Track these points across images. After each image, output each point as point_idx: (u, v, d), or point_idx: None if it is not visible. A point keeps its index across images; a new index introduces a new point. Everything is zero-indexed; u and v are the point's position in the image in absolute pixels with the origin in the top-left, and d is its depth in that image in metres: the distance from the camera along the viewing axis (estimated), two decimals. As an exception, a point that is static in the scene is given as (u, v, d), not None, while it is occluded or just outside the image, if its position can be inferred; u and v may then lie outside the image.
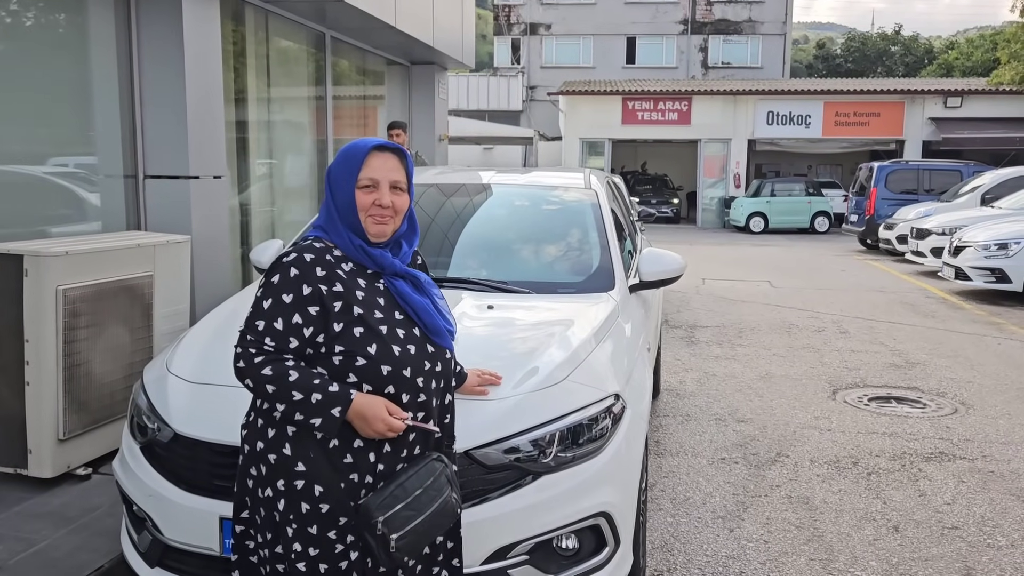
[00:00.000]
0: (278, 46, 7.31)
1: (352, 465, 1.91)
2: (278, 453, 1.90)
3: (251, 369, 1.87)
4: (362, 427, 1.88)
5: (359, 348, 1.90)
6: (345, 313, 1.91)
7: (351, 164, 2.00)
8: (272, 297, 1.90)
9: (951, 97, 25.25)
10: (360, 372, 1.91)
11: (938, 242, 12.73)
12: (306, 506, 1.88)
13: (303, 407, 1.84)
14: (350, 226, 1.98)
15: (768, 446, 4.90)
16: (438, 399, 2.06)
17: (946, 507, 4.04)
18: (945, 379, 6.53)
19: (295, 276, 1.90)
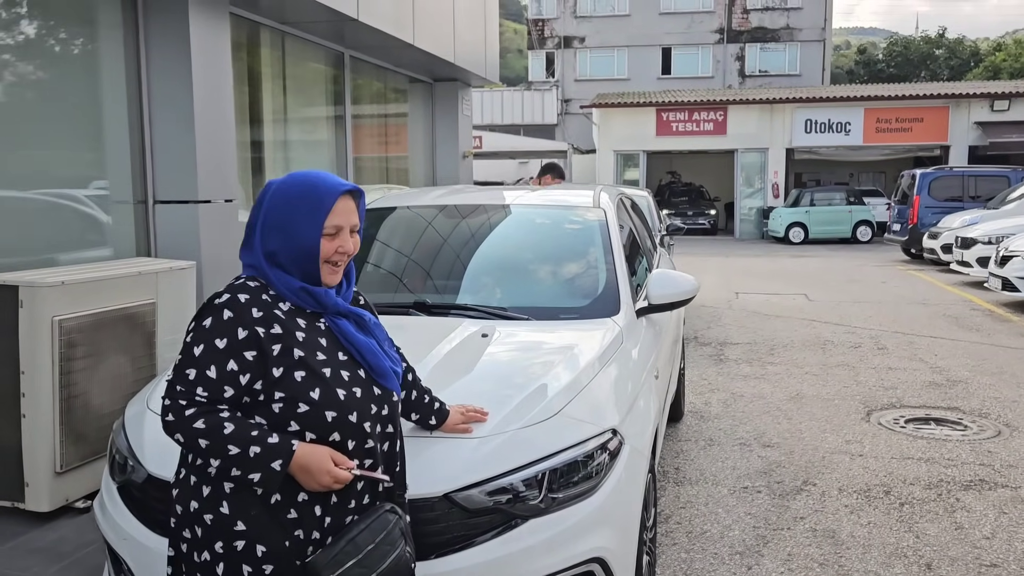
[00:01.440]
0: (295, 66, 7.30)
1: (297, 520, 1.78)
2: (215, 512, 1.75)
3: (181, 423, 1.72)
4: (306, 480, 1.75)
5: (301, 394, 1.77)
6: (285, 356, 1.77)
7: (320, 209, 1.82)
8: (204, 343, 1.75)
9: (998, 100, 24.50)
10: (303, 419, 1.77)
11: (984, 251, 12.26)
12: (248, 569, 1.74)
13: (240, 462, 1.70)
14: (302, 271, 1.83)
15: (794, 473, 4.66)
16: (387, 445, 1.94)
17: (985, 542, 3.77)
18: (988, 398, 6.20)
19: (229, 319, 1.76)
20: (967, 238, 13.12)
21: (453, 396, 2.71)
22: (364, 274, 4.00)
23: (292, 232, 1.82)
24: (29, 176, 4.59)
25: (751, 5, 36.83)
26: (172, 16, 4.95)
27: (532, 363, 2.92)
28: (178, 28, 4.95)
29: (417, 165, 10.03)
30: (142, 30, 5.00)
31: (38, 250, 4.56)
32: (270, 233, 1.85)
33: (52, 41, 4.82)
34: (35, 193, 4.67)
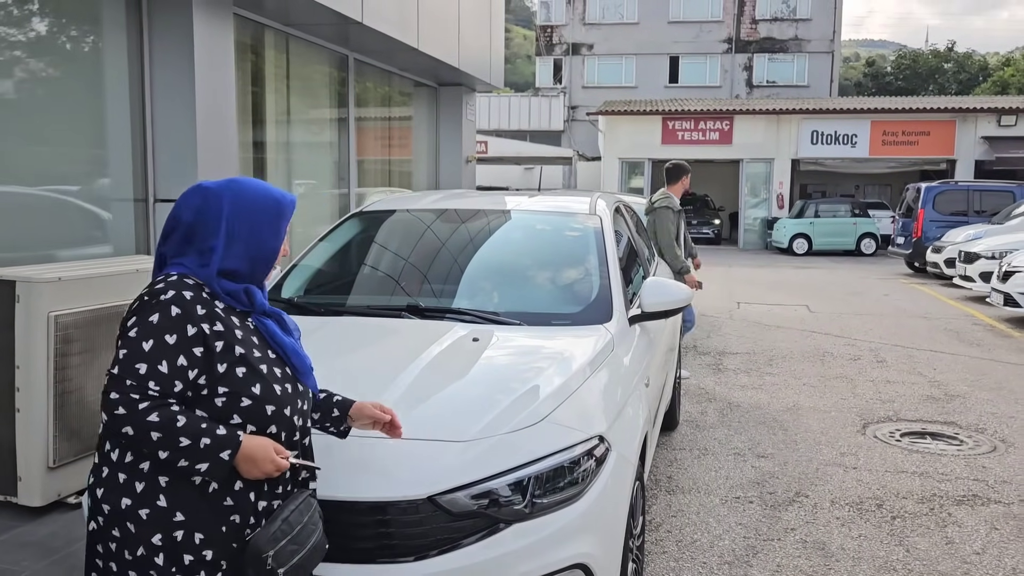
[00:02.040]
0: (299, 68, 7.34)
1: (233, 507, 1.86)
2: (151, 507, 1.78)
3: (134, 416, 1.73)
4: (249, 469, 1.82)
5: (244, 388, 1.85)
6: (227, 353, 1.84)
7: (280, 219, 1.96)
8: (154, 338, 1.78)
9: (1005, 115, 24.45)
10: (245, 413, 1.86)
11: (987, 266, 12.23)
12: (189, 557, 1.79)
13: (190, 453, 1.75)
14: (255, 274, 1.94)
15: (787, 484, 4.65)
16: (307, 438, 2.08)
17: (975, 557, 3.76)
18: (986, 414, 6.19)
19: (178, 315, 1.80)
20: (970, 252, 13.09)
21: (442, 399, 2.72)
22: (360, 276, 4.02)
23: (265, 235, 1.94)
24: (31, 173, 4.62)
25: (760, 15, 36.86)
26: (176, 16, 4.98)
27: (521, 368, 2.93)
28: (182, 28, 4.98)
29: (420, 169, 10.05)
30: (146, 30, 5.04)
31: (38, 246, 4.59)
32: (236, 240, 1.90)
33: (57, 40, 4.86)
34: (37, 189, 4.70)
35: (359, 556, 2.30)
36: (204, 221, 1.90)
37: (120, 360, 1.78)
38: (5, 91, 4.50)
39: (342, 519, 2.30)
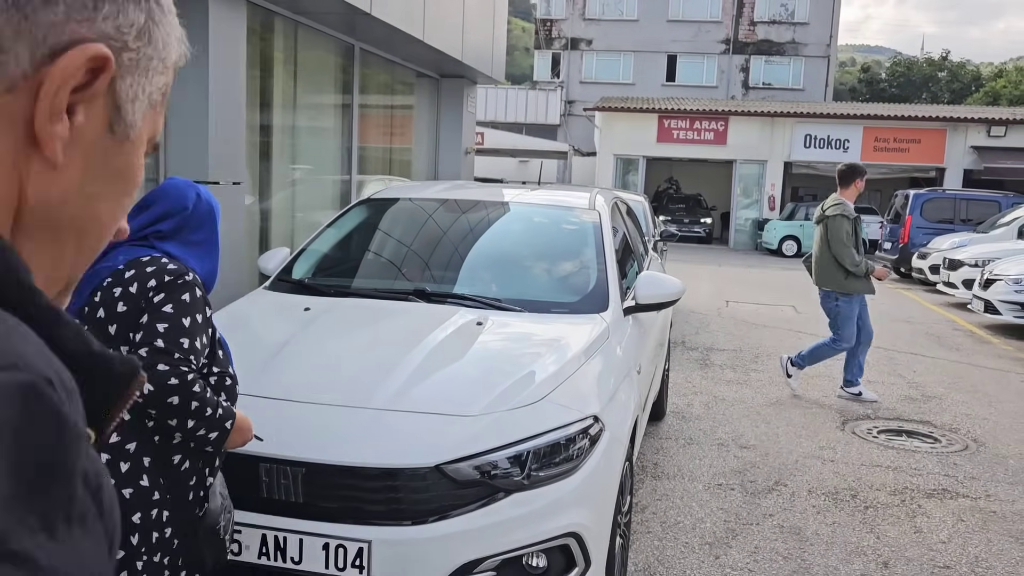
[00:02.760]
0: (306, 55, 7.47)
1: (193, 485, 2.00)
2: (135, 487, 1.88)
3: (184, 386, 1.85)
4: (235, 439, 2.02)
5: (226, 368, 2.08)
6: (214, 334, 2.06)
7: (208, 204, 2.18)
8: (190, 315, 1.93)
9: (995, 126, 24.77)
10: (227, 390, 2.05)
11: (970, 274, 12.48)
12: (156, 535, 1.90)
13: (210, 423, 1.90)
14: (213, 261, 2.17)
15: (767, 474, 4.86)
16: None
17: (940, 545, 3.98)
18: (960, 415, 6.42)
19: (200, 296, 1.99)
20: (954, 260, 13.35)
21: (449, 377, 2.91)
22: (367, 260, 4.19)
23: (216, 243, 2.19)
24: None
25: (758, 17, 37.05)
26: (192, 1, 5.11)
27: (522, 351, 3.11)
28: (198, 14, 5.11)
29: (420, 159, 10.20)
30: (163, 14, 5.17)
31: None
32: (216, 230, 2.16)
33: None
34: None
35: (370, 518, 2.48)
36: (201, 215, 2.10)
37: (163, 334, 1.88)
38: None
39: (355, 484, 2.49)
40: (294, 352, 3.00)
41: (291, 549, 2.49)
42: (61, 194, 0.54)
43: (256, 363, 2.89)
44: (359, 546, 2.44)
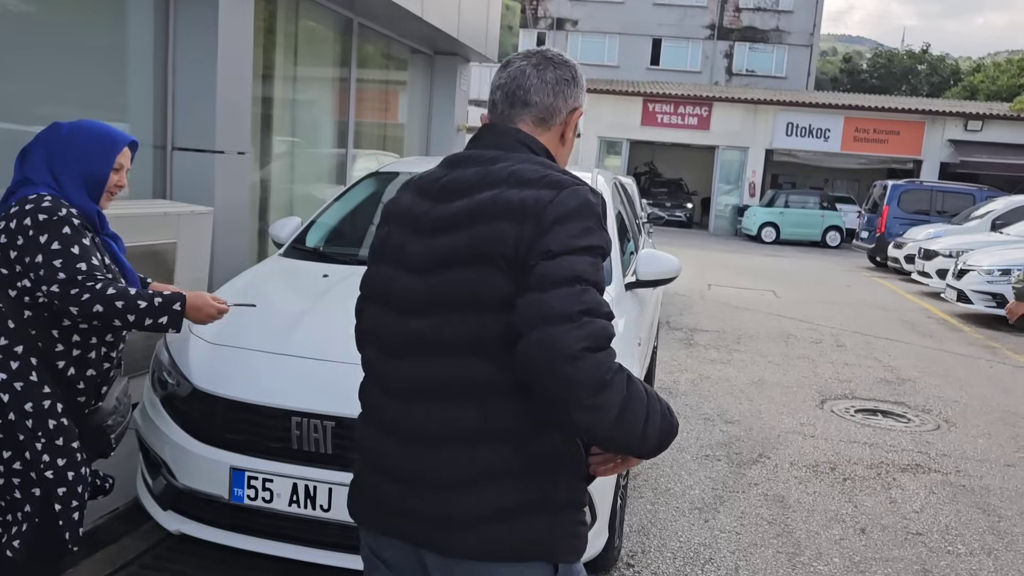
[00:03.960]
0: (307, 28, 7.53)
1: (83, 389, 2.31)
2: (25, 381, 2.20)
3: (97, 295, 2.14)
4: (196, 315, 2.33)
5: None
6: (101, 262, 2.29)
7: (112, 149, 2.36)
8: (77, 243, 2.19)
9: (972, 120, 25.24)
10: None
11: (944, 264, 12.85)
12: (52, 422, 2.22)
13: (150, 311, 2.19)
14: (91, 195, 2.33)
15: (751, 447, 5.10)
16: None
17: (914, 515, 4.23)
18: (933, 397, 6.71)
19: (79, 225, 2.23)
20: (929, 250, 13.72)
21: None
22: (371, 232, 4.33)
23: (91, 163, 2.32)
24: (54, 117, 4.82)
25: (744, 4, 37.23)
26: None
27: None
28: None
29: (413, 134, 10.29)
30: (173, -18, 5.22)
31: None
32: (75, 164, 2.31)
33: (86, -15, 5.03)
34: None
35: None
36: (57, 150, 2.30)
37: (61, 268, 2.15)
38: (29, 38, 4.66)
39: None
40: (319, 314, 3.14)
41: (320, 498, 2.65)
42: None
43: (285, 324, 3.04)
44: (385, 496, 2.60)
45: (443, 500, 1.46)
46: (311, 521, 2.69)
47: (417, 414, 1.48)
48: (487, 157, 1.57)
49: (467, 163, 1.59)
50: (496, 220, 1.43)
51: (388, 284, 1.56)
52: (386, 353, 1.55)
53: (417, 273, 1.51)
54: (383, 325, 1.56)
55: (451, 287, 1.45)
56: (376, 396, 1.58)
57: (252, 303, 2.46)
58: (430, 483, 1.47)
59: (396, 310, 1.53)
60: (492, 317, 1.41)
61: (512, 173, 1.49)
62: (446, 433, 1.46)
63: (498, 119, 1.64)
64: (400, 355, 1.52)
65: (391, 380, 1.54)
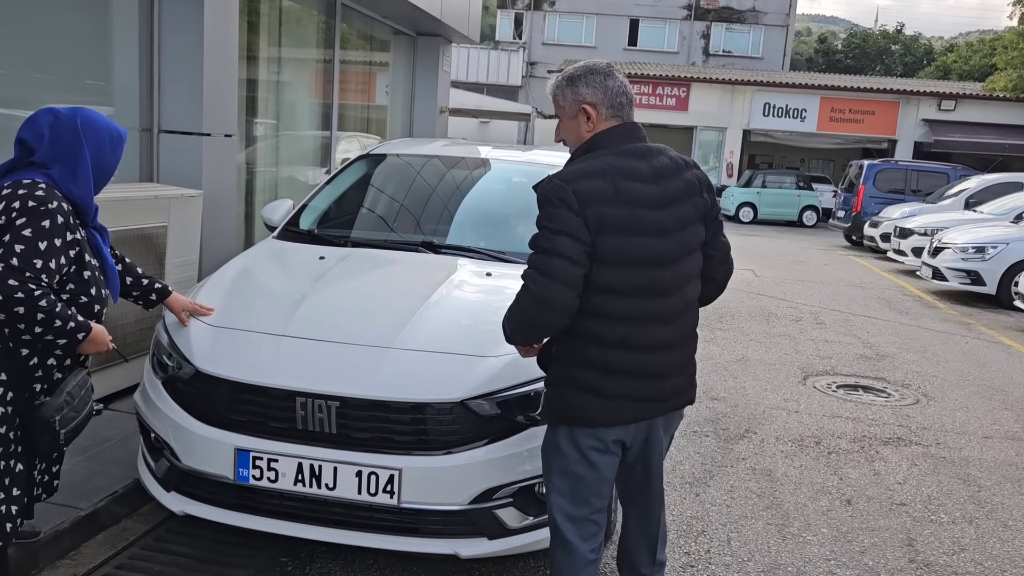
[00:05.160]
0: (290, 10, 7.47)
1: (40, 377, 2.37)
2: None
3: (29, 301, 2.17)
4: (88, 348, 2.38)
5: (85, 289, 2.38)
6: (80, 258, 2.35)
7: (120, 144, 2.47)
8: (47, 240, 2.23)
9: (945, 100, 25.56)
10: (81, 307, 2.37)
11: (919, 242, 13.06)
12: (1, 410, 2.27)
13: (59, 332, 2.25)
14: (98, 187, 2.41)
15: (738, 423, 5.20)
16: None
17: (897, 486, 4.35)
18: (911, 372, 6.86)
19: (63, 223, 2.26)
20: (905, 228, 13.92)
21: (468, 321, 3.12)
22: (373, 213, 4.34)
23: (106, 156, 2.40)
24: (38, 99, 4.76)
25: (721, -16, 37.22)
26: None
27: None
28: (192, -36, 5.12)
29: (396, 116, 10.25)
30: (156, -37, 5.16)
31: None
32: (88, 153, 2.34)
33: (68, -34, 4.96)
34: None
35: (399, 448, 2.70)
36: (68, 142, 2.31)
37: (19, 254, 2.18)
38: (14, 18, 4.60)
39: (386, 416, 2.70)
40: (319, 296, 3.17)
41: (326, 476, 2.69)
42: None
43: (285, 306, 3.06)
44: (390, 473, 2.65)
45: (687, 374, 2.39)
46: (316, 500, 2.73)
47: (680, 328, 2.32)
48: (655, 148, 2.32)
49: (650, 154, 2.30)
50: (699, 193, 2.33)
51: (653, 248, 2.21)
52: (661, 295, 2.24)
53: (667, 235, 2.23)
54: (657, 278, 2.22)
55: (689, 239, 2.29)
56: (641, 331, 2.23)
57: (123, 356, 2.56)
58: (681, 366, 2.36)
59: (663, 265, 2.23)
60: (699, 253, 2.34)
61: (678, 159, 2.36)
62: (687, 333, 2.36)
63: (628, 118, 2.34)
64: (671, 293, 2.26)
65: (666, 313, 2.26)
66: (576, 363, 2.25)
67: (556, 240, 2.12)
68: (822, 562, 3.47)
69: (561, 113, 2.35)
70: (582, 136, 2.31)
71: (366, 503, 2.68)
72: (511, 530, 2.78)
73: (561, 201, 2.13)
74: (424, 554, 2.81)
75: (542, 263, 2.13)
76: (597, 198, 2.14)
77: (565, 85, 2.33)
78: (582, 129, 2.30)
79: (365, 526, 2.74)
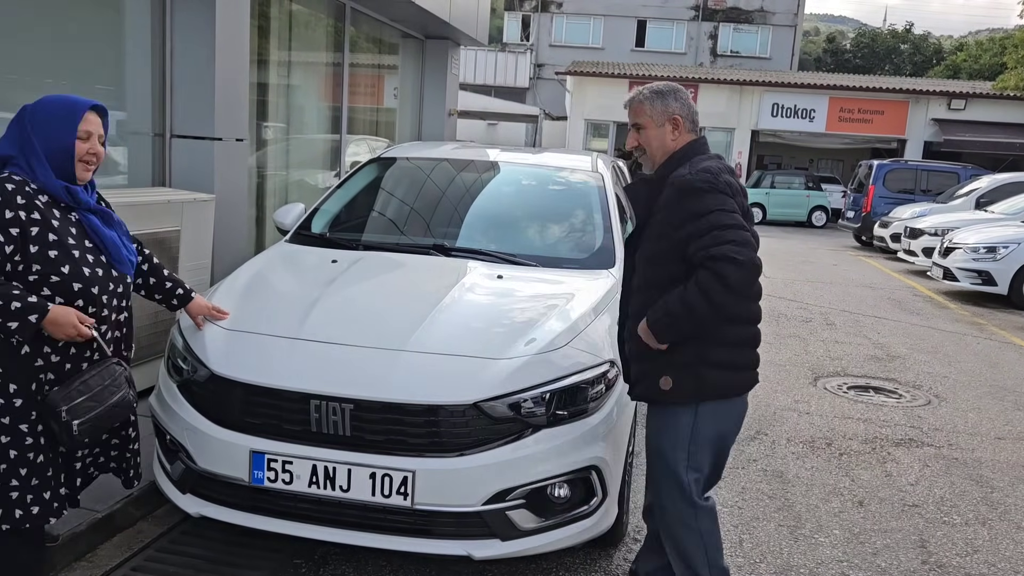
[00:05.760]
0: (300, 14, 7.51)
1: (43, 367, 2.34)
2: None
3: None
4: (55, 331, 2.29)
5: (54, 268, 2.31)
6: (41, 237, 2.29)
7: (72, 118, 2.37)
8: None
9: (955, 99, 25.44)
10: (53, 287, 2.32)
11: (930, 242, 13.00)
12: (1, 400, 2.28)
13: (3, 313, 2.20)
14: (58, 168, 2.35)
15: (749, 424, 5.18)
16: (117, 314, 2.54)
17: (909, 487, 4.35)
18: (923, 373, 6.84)
19: (33, 206, 2.28)
20: (915, 229, 13.87)
21: (479, 324, 3.13)
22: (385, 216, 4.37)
23: (51, 135, 2.34)
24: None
25: (728, -16, 37.16)
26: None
27: (542, 302, 3.34)
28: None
29: (405, 119, 10.28)
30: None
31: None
32: (35, 139, 2.33)
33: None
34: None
35: (413, 450, 2.71)
36: (20, 131, 2.35)
37: None
38: (28, 23, 4.65)
39: (400, 418, 2.71)
40: (333, 299, 3.19)
41: (340, 478, 2.71)
42: None
43: (299, 310, 3.08)
44: (404, 475, 2.67)
45: None
46: (330, 501, 2.74)
47: None
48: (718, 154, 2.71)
49: (720, 157, 2.70)
50: None
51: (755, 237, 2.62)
52: None
53: None
54: None
55: None
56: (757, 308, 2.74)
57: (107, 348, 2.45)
58: None
59: None
60: None
61: None
62: None
63: (700, 133, 2.76)
64: None
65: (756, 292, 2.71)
66: (713, 342, 2.58)
67: (735, 216, 2.49)
68: (834, 564, 3.46)
69: (647, 123, 2.67)
70: (667, 144, 2.66)
71: (380, 505, 2.70)
72: (524, 531, 2.79)
73: (717, 188, 2.51)
74: (437, 555, 2.83)
75: (735, 235, 2.46)
76: (735, 190, 2.57)
77: (655, 98, 2.66)
78: (668, 138, 2.65)
79: (378, 528, 2.76)
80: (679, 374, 2.60)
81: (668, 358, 2.60)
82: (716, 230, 2.46)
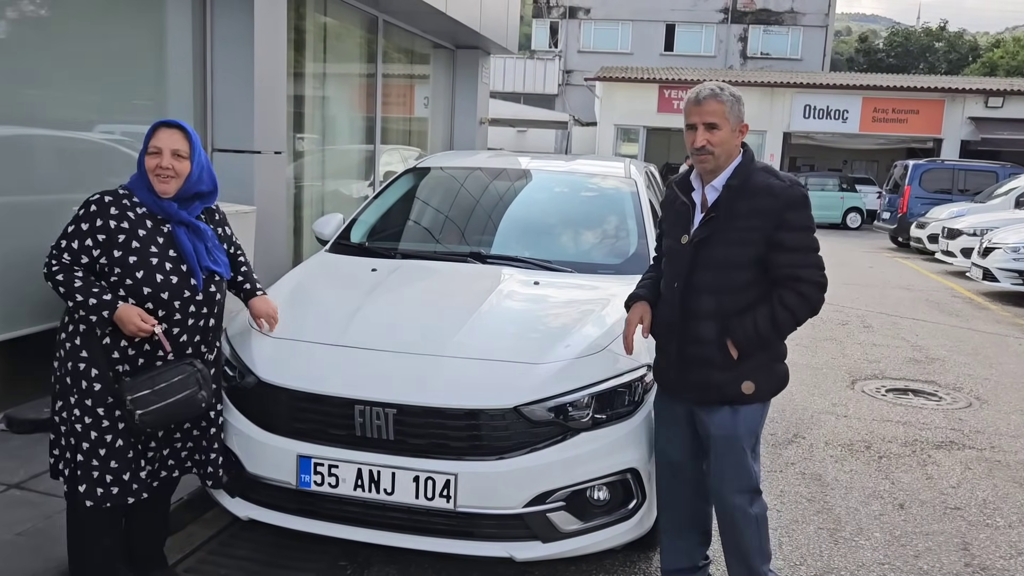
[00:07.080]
0: (334, 27, 7.65)
1: (119, 359, 2.61)
2: (72, 343, 2.61)
3: (50, 275, 2.57)
4: (121, 327, 2.55)
5: (129, 272, 2.58)
6: (124, 245, 2.58)
7: (146, 136, 2.65)
8: (75, 225, 2.60)
9: (992, 97, 25.00)
10: (127, 289, 2.59)
11: (968, 243, 12.80)
12: (84, 383, 2.58)
13: (83, 307, 2.54)
14: (146, 183, 2.64)
15: (786, 428, 5.18)
16: (193, 320, 2.71)
17: (951, 490, 4.31)
18: (963, 375, 6.75)
19: (93, 211, 2.59)
20: (953, 229, 13.66)
21: (518, 329, 3.19)
22: (420, 226, 4.45)
23: (141, 152, 2.66)
24: (98, 120, 4.97)
25: (757, -14, 36.92)
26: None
27: (579, 307, 3.39)
28: (242, -12, 5.30)
29: (436, 128, 10.40)
30: (208, -13, 5.35)
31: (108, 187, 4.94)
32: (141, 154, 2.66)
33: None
34: (102, 136, 5.05)
35: (455, 453, 2.77)
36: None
37: (56, 240, 2.61)
38: (75, 44, 4.80)
39: (442, 423, 2.78)
40: (374, 307, 3.27)
41: (384, 482, 2.77)
42: None
43: (341, 317, 3.16)
44: (446, 478, 2.73)
45: None
46: (375, 504, 2.81)
47: None
48: None
49: None
50: None
51: None
52: None
53: None
54: None
55: None
56: None
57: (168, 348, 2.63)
58: None
59: None
60: None
61: None
62: None
63: None
64: None
65: None
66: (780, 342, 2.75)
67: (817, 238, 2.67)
68: (876, 566, 3.45)
69: (724, 124, 2.67)
70: (733, 150, 2.72)
71: (423, 507, 2.76)
72: (564, 533, 2.84)
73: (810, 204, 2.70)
74: (479, 557, 2.88)
75: (819, 260, 2.66)
76: None
77: (736, 102, 2.70)
78: (735, 143, 2.71)
79: (422, 530, 2.82)
80: (759, 376, 2.71)
81: (747, 363, 2.68)
82: (810, 251, 2.62)
